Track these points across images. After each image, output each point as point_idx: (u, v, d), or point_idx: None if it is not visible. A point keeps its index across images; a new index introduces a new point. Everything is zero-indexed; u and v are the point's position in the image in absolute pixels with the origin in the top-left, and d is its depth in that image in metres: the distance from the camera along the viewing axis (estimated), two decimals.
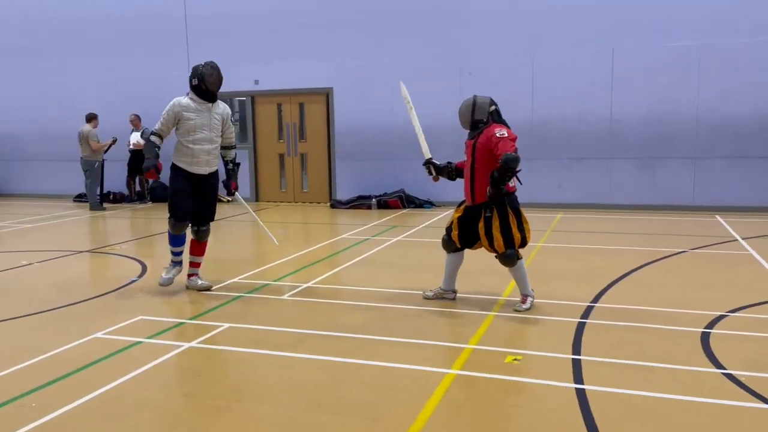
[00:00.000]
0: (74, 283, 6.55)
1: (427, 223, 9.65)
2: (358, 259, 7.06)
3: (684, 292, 5.39)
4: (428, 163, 5.35)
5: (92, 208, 12.10)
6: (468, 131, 5.06)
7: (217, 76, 5.52)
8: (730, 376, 3.57)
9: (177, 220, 5.60)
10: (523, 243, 4.95)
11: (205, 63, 5.53)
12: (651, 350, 4.03)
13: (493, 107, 4.96)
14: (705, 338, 4.21)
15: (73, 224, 10.57)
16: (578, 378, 3.60)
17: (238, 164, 6.28)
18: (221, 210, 11.77)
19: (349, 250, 7.66)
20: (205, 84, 5.45)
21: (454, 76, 11.29)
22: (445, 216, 10.35)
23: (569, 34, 10.62)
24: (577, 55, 10.59)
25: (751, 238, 7.79)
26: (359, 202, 11.64)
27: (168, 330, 4.65)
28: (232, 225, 10.31)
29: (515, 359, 3.91)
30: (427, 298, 5.33)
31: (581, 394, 3.38)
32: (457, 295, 5.36)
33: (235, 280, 6.16)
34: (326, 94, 12.21)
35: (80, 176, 12.71)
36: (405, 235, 8.69)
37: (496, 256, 4.99)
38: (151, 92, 13.20)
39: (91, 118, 12.13)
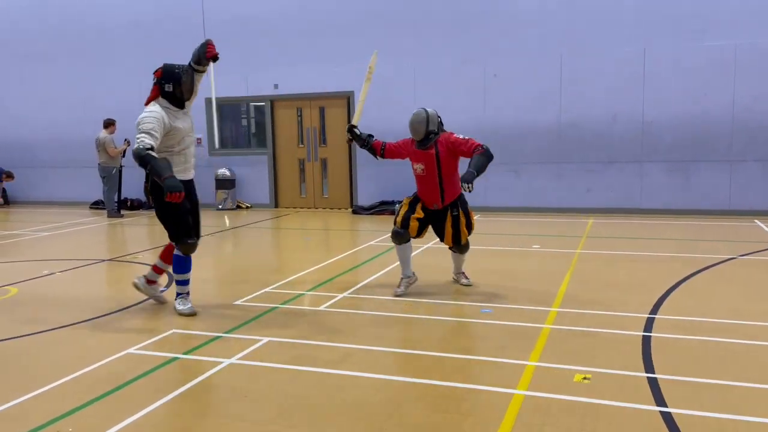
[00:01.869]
0: (99, 293, 6.33)
1: None
2: (390, 267, 6.77)
3: (746, 303, 5.08)
4: (351, 129, 5.78)
5: (110, 216, 11.89)
6: (418, 141, 5.48)
7: (192, 84, 4.93)
8: None
9: (189, 238, 4.94)
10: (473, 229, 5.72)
11: (181, 66, 4.87)
12: (731, 368, 3.73)
13: (439, 118, 5.54)
14: None
15: (91, 232, 10.35)
16: (659, 399, 3.30)
17: None
18: (239, 217, 11.61)
19: (379, 258, 7.39)
20: (182, 91, 4.86)
21: (478, 77, 11.02)
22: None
23: (599, 34, 10.33)
24: (608, 55, 10.29)
25: None
26: (382, 208, 11.38)
27: (204, 345, 4.38)
28: (249, 232, 10.06)
29: (585, 378, 3.61)
30: (399, 294, 5.53)
31: (668, 419, 3.08)
32: (507, 307, 5.10)
33: (266, 290, 5.89)
34: (347, 98, 11.96)
35: (97, 183, 12.53)
36: (434, 242, 8.39)
37: (450, 247, 5.72)
38: None
39: (108, 124, 11.93)
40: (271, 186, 12.73)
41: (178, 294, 5.16)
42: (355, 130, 5.78)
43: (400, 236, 5.58)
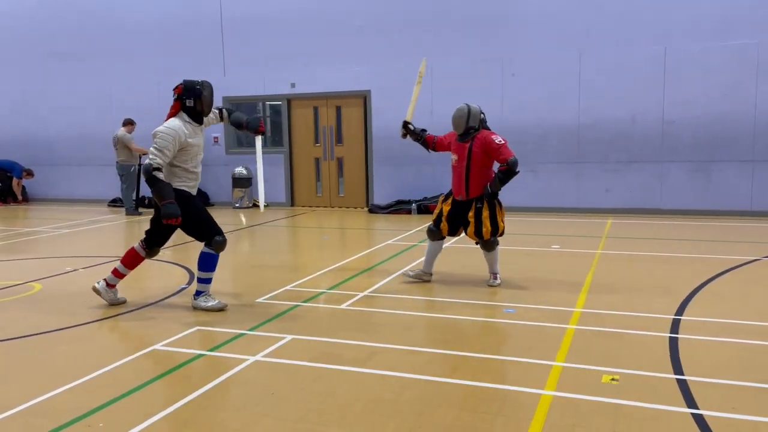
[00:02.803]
0: (122, 290, 6.34)
1: None
2: (410, 266, 6.75)
3: None
4: (406, 124, 6.10)
5: (128, 213, 11.98)
6: (458, 135, 5.77)
7: (211, 99, 5.08)
8: None
9: (219, 236, 5.11)
10: (502, 232, 5.77)
11: (201, 82, 4.99)
12: (759, 369, 3.68)
13: (483, 115, 5.73)
14: None
15: (110, 229, 10.42)
16: (690, 402, 3.27)
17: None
18: (256, 216, 11.64)
19: (398, 257, 7.37)
20: (202, 106, 4.99)
21: (496, 76, 10.98)
22: None
23: (619, 33, 10.25)
24: (628, 54, 10.21)
25: None
26: (399, 207, 11.36)
27: (229, 342, 4.40)
28: (266, 230, 10.09)
29: (613, 379, 3.58)
30: (408, 276, 6.03)
31: (700, 421, 3.05)
32: (530, 306, 5.08)
33: (287, 288, 5.90)
34: (363, 97, 11.96)
35: (115, 181, 12.64)
36: (453, 241, 8.37)
37: (476, 242, 5.77)
38: None
39: (127, 122, 12.02)
40: (287, 184, 12.76)
41: (200, 292, 5.17)
42: (410, 125, 6.08)
43: (432, 233, 5.91)
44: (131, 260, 5.33)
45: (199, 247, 5.30)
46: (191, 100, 4.96)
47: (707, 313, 4.81)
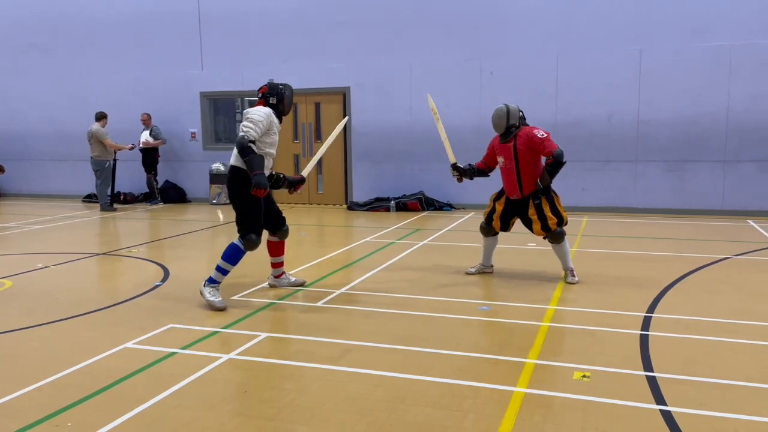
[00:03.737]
0: (95, 287, 6.29)
1: (450, 227, 9.36)
2: (388, 264, 6.77)
3: (742, 302, 5.11)
4: (454, 167, 6.11)
5: (103, 209, 11.83)
6: (500, 135, 5.84)
7: (291, 99, 5.35)
8: None
9: (259, 235, 5.13)
10: (566, 221, 5.75)
11: (284, 84, 5.27)
12: (729, 367, 3.75)
13: (521, 113, 5.78)
14: None
15: (85, 225, 10.28)
16: (659, 398, 3.32)
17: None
18: (232, 212, 11.52)
19: (376, 254, 7.37)
20: (284, 106, 5.26)
21: (475, 75, 11.02)
22: (468, 219, 10.08)
23: (596, 34, 10.35)
24: (604, 55, 10.31)
25: None
26: (377, 204, 11.36)
27: (202, 340, 4.36)
28: None
29: (584, 376, 3.62)
30: (469, 273, 6.14)
31: (668, 417, 3.10)
32: (504, 304, 5.13)
33: (263, 285, 5.87)
34: (343, 94, 11.93)
35: (90, 176, 12.47)
36: (430, 239, 8.41)
37: (545, 237, 5.72)
38: (163, 91, 13.00)
39: (100, 117, 11.88)
40: None
41: (211, 280, 5.15)
42: (459, 166, 6.11)
43: (485, 230, 6.10)
44: (279, 248, 5.68)
45: (181, 244, 5.24)
46: (274, 98, 5.20)
47: (678, 311, 4.89)
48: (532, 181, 5.66)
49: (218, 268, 5.15)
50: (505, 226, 5.99)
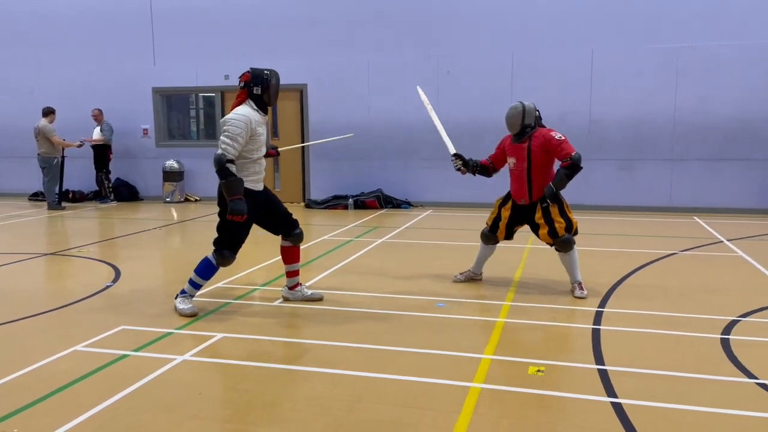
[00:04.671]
0: (43, 289, 6.10)
1: (408, 224, 9.41)
2: (346, 262, 6.76)
3: (688, 296, 5.29)
4: (457, 156, 5.69)
5: (50, 208, 11.45)
6: (513, 135, 5.44)
7: (278, 88, 4.81)
8: (765, 386, 3.43)
9: (233, 252, 4.79)
10: (576, 229, 5.36)
11: (270, 70, 4.73)
12: (675, 359, 3.88)
13: (538, 112, 5.37)
14: (726, 345, 4.09)
15: (31, 225, 9.93)
16: (610, 391, 3.41)
17: None
18: (188, 210, 11.35)
19: (334, 252, 7.35)
20: (269, 96, 4.73)
21: (432, 74, 11.10)
22: (425, 217, 10.15)
23: (549, 34, 10.55)
24: (557, 55, 10.53)
25: (735, 239, 7.82)
26: (335, 202, 11.33)
27: (155, 341, 4.27)
28: (199, 226, 9.86)
29: (539, 371, 3.69)
30: (457, 281, 5.78)
31: (619, 409, 3.18)
32: (461, 300, 5.19)
33: (218, 285, 5.78)
34: (300, 91, 11.85)
35: (37, 173, 12.06)
36: (389, 236, 8.43)
37: (551, 244, 5.33)
38: (114, 87, 12.67)
39: (48, 112, 11.50)
40: None
41: (183, 293, 4.89)
42: (460, 155, 5.72)
43: (487, 238, 5.67)
44: (294, 255, 5.19)
45: (133, 243, 5.11)
46: (258, 87, 4.68)
47: (628, 305, 5.03)
48: (543, 185, 5.27)
49: (191, 282, 4.87)
50: (509, 235, 5.59)
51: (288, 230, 5.08)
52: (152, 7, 12.29)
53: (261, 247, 7.83)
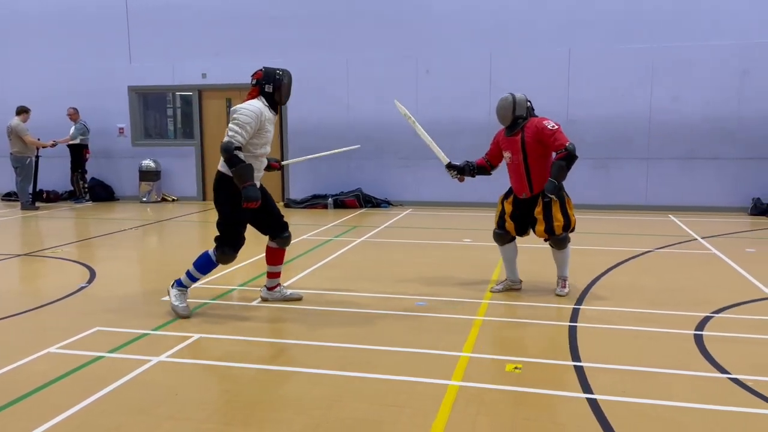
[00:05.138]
0: (17, 290, 6.00)
1: (388, 223, 9.42)
2: (325, 261, 6.75)
3: (663, 293, 5.36)
4: (450, 167, 5.56)
5: (24, 208, 11.26)
6: (506, 128, 5.26)
7: (290, 87, 4.73)
8: (736, 381, 3.49)
9: (235, 250, 4.71)
10: (574, 227, 5.26)
11: (282, 70, 4.68)
12: (650, 355, 3.93)
13: (529, 103, 5.21)
14: (699, 341, 4.15)
15: (4, 225, 9.76)
16: (586, 387, 3.45)
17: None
18: (165, 210, 11.24)
19: (313, 251, 7.33)
20: (281, 95, 4.67)
21: (410, 73, 11.12)
22: (405, 216, 10.17)
23: (527, 34, 10.63)
24: (534, 55, 10.61)
25: (709, 237, 7.95)
26: (315, 202, 11.30)
27: (131, 342, 4.22)
28: (176, 225, 9.77)
29: (516, 368, 3.72)
30: (495, 291, 5.42)
31: (594, 405, 3.22)
32: (440, 299, 5.19)
33: (196, 285, 5.68)
34: None
35: (9, 173, 11.84)
36: (369, 235, 8.43)
37: (546, 239, 5.22)
38: (90, 85, 12.48)
39: (21, 111, 11.30)
40: (198, 178, 12.40)
41: (179, 283, 4.80)
42: (455, 165, 5.58)
43: (500, 237, 5.41)
44: (277, 256, 5.11)
45: (109, 243, 5.04)
46: (270, 86, 4.64)
47: (604, 303, 5.09)
48: (542, 176, 5.08)
49: (188, 274, 4.78)
50: (521, 230, 5.30)
51: (277, 232, 5.01)
52: (128, 4, 12.14)
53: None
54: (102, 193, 12.50)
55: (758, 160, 10.08)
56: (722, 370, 3.65)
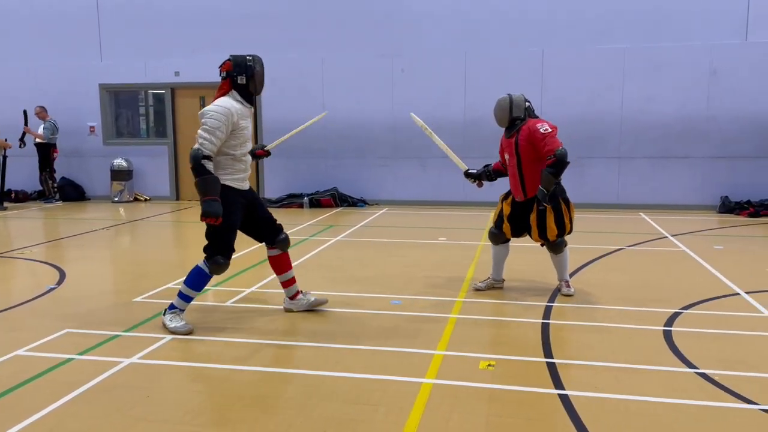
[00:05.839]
0: None
1: (363, 223, 9.41)
2: (301, 260, 6.71)
3: (634, 290, 5.45)
4: (468, 174, 5.53)
5: None
6: (505, 129, 5.18)
7: (263, 74, 4.34)
8: (704, 376, 3.56)
9: (227, 258, 4.38)
10: (570, 231, 5.18)
11: (252, 56, 4.31)
12: (620, 351, 3.99)
13: (528, 103, 5.11)
14: (668, 337, 4.23)
15: None
16: (558, 383, 3.49)
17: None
18: (137, 210, 11.09)
19: (289, 251, 7.27)
20: (255, 85, 4.32)
21: (386, 72, 11.12)
22: (381, 215, 10.18)
23: (501, 34, 10.71)
24: (509, 55, 10.69)
25: (679, 234, 8.10)
26: (290, 201, 11.24)
27: (101, 344, 4.16)
28: (149, 225, 9.65)
29: (489, 365, 3.75)
30: (478, 289, 5.40)
31: (566, 400, 3.26)
32: (415, 298, 5.20)
33: (169, 286, 5.66)
34: None
35: None
36: (344, 235, 8.42)
37: (542, 245, 5.23)
38: (59, 84, 12.26)
39: None
40: (171, 178, 12.26)
41: (172, 307, 4.44)
42: (472, 172, 5.51)
43: (495, 236, 5.35)
44: (284, 263, 4.80)
45: (79, 244, 4.95)
46: (243, 76, 4.27)
47: (575, 300, 5.15)
48: (536, 181, 4.97)
49: (180, 295, 4.42)
50: (517, 232, 5.25)
51: (272, 236, 4.71)
52: (98, 0, 11.94)
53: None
54: (72, 193, 12.28)
55: (727, 159, 10.29)
56: (690, 365, 3.72)
